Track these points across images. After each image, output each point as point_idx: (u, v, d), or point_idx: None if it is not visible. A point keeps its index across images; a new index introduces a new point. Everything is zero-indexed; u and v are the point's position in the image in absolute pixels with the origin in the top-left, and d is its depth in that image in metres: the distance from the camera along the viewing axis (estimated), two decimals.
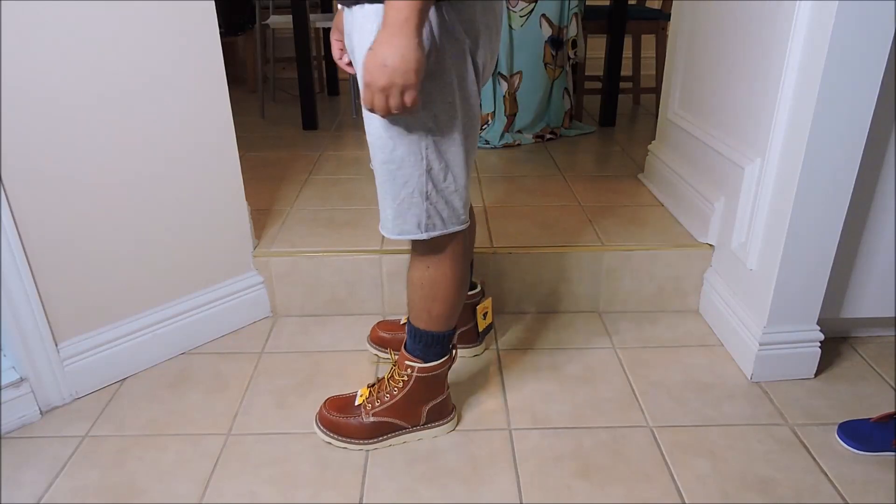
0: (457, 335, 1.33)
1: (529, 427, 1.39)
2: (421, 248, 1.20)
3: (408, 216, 1.14)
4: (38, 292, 1.37)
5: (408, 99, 0.95)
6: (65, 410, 1.44)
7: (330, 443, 1.33)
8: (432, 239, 1.17)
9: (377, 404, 1.31)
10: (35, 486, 1.24)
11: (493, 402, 1.47)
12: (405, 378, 1.30)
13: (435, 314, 1.24)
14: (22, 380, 1.38)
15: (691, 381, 1.53)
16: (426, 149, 1.08)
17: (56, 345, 1.42)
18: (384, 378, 1.34)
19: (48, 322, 1.40)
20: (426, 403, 1.32)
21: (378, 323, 1.63)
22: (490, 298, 1.58)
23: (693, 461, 1.30)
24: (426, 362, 1.28)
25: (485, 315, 1.56)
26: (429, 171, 1.10)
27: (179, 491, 1.23)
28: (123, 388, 1.52)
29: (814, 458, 1.30)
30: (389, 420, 1.32)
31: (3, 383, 1.36)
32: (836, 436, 1.35)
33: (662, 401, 1.46)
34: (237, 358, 1.62)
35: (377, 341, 1.60)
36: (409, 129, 1.06)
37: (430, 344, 1.27)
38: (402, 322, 1.59)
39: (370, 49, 0.94)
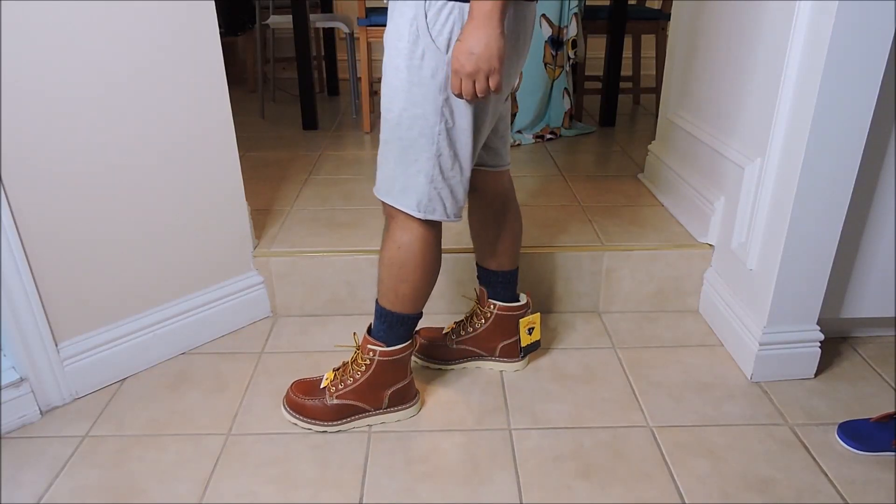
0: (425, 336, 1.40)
1: (529, 427, 1.39)
2: (396, 228, 1.24)
3: (409, 192, 1.19)
4: (38, 292, 1.37)
5: (492, 82, 1.06)
6: (65, 410, 1.44)
7: (295, 423, 1.37)
8: (409, 221, 1.22)
9: (341, 387, 1.35)
10: (35, 486, 1.24)
11: (493, 402, 1.47)
12: (367, 362, 1.33)
13: (401, 294, 1.27)
14: (22, 380, 1.38)
15: (691, 381, 1.53)
16: (439, 134, 1.14)
17: (56, 345, 1.42)
18: (348, 361, 1.37)
19: (48, 322, 1.40)
20: (388, 387, 1.35)
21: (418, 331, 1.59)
22: (538, 314, 1.52)
23: (693, 461, 1.30)
24: (388, 346, 1.31)
25: (530, 331, 1.52)
26: (438, 156, 1.16)
27: (179, 491, 1.23)
28: (123, 388, 1.52)
29: (814, 458, 1.30)
30: (352, 403, 1.35)
31: (3, 383, 1.36)
32: (836, 436, 1.35)
33: (662, 401, 1.47)
34: (237, 358, 1.62)
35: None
36: (427, 114, 1.13)
37: (394, 325, 1.30)
38: (443, 332, 1.58)
39: (459, 40, 1.05)
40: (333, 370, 1.39)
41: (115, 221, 1.45)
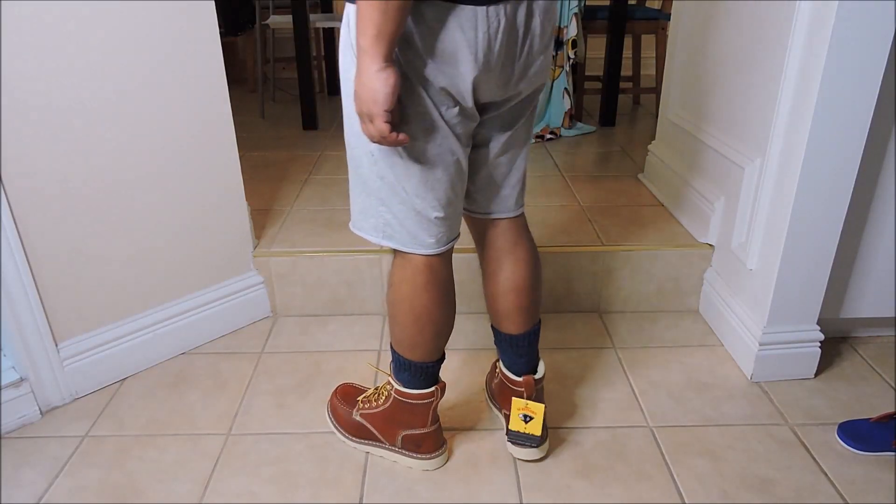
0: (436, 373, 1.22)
1: None
2: (391, 266, 1.16)
3: (368, 216, 1.10)
4: (38, 292, 1.37)
5: (376, 128, 0.91)
6: (65, 410, 1.44)
7: (329, 423, 1.37)
8: (399, 258, 1.13)
9: (366, 407, 1.30)
10: (35, 486, 1.24)
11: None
12: (386, 394, 1.26)
13: (395, 335, 1.19)
14: (22, 380, 1.38)
15: (691, 381, 1.53)
16: (372, 154, 1.03)
17: (56, 345, 1.42)
18: (381, 385, 1.32)
19: (48, 322, 1.40)
20: (403, 428, 1.25)
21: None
22: (542, 406, 1.24)
23: (693, 461, 1.30)
24: (403, 386, 1.22)
25: (525, 417, 1.25)
26: (382, 178, 1.04)
27: (179, 491, 1.23)
28: (123, 388, 1.52)
29: (814, 458, 1.30)
30: (369, 427, 1.29)
31: (3, 383, 1.36)
32: (836, 436, 1.35)
33: (662, 401, 1.47)
34: (237, 358, 1.62)
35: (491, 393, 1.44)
36: (360, 131, 0.99)
37: (399, 367, 1.21)
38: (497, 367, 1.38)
39: None
40: (375, 388, 1.32)
41: (115, 221, 1.45)
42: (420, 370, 1.20)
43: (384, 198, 1.06)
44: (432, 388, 1.22)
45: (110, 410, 1.44)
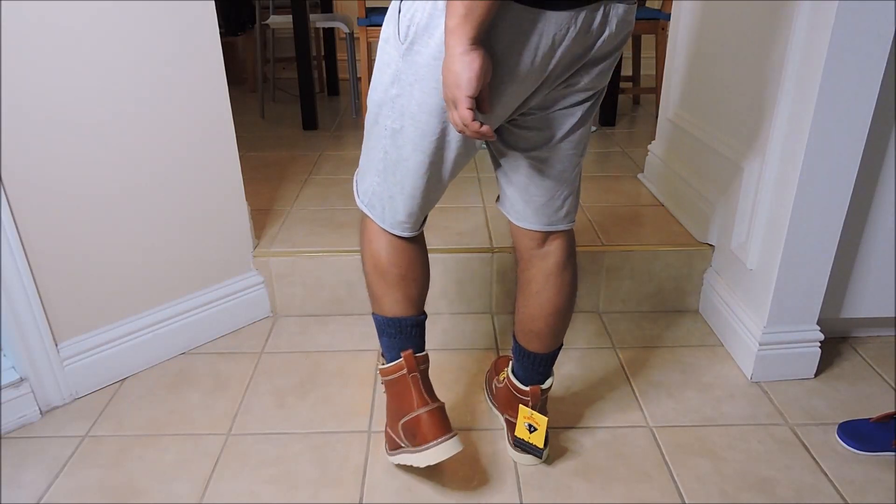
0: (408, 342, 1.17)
1: None
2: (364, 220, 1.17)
3: (364, 177, 1.12)
4: (38, 292, 1.37)
5: (459, 115, 0.86)
6: (65, 410, 1.44)
7: None
8: (363, 216, 1.14)
9: (389, 414, 1.22)
10: (35, 486, 1.24)
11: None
12: (383, 384, 1.21)
13: (369, 293, 1.19)
14: (22, 380, 1.38)
15: (691, 381, 1.53)
16: (385, 129, 1.03)
17: (56, 345, 1.42)
18: None
19: (48, 322, 1.40)
20: (399, 417, 1.16)
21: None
22: (545, 419, 1.23)
23: (693, 461, 1.30)
24: (386, 360, 1.17)
25: (529, 427, 1.23)
26: (385, 152, 1.05)
27: (179, 491, 1.23)
28: (123, 388, 1.52)
29: (814, 458, 1.30)
30: (389, 432, 1.23)
31: (3, 383, 1.36)
32: (836, 436, 1.35)
33: (662, 401, 1.47)
34: (237, 358, 1.62)
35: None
36: (380, 103, 1.01)
37: (377, 327, 1.18)
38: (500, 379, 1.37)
39: None
40: None
41: (115, 221, 1.45)
42: (387, 327, 1.15)
43: (380, 170, 1.07)
44: (399, 360, 1.15)
45: (110, 410, 1.44)
